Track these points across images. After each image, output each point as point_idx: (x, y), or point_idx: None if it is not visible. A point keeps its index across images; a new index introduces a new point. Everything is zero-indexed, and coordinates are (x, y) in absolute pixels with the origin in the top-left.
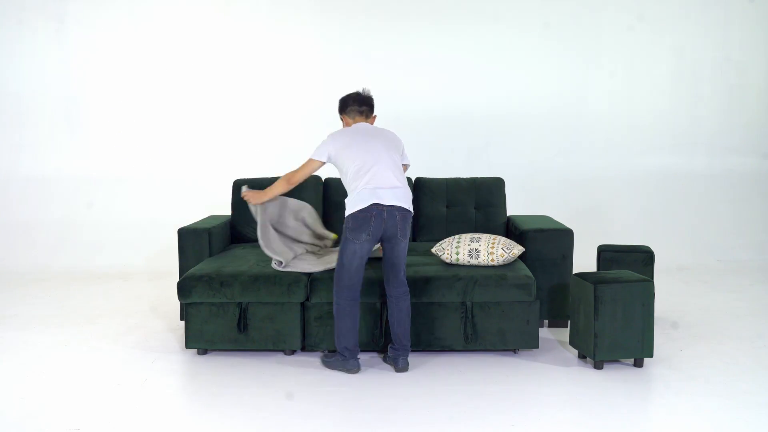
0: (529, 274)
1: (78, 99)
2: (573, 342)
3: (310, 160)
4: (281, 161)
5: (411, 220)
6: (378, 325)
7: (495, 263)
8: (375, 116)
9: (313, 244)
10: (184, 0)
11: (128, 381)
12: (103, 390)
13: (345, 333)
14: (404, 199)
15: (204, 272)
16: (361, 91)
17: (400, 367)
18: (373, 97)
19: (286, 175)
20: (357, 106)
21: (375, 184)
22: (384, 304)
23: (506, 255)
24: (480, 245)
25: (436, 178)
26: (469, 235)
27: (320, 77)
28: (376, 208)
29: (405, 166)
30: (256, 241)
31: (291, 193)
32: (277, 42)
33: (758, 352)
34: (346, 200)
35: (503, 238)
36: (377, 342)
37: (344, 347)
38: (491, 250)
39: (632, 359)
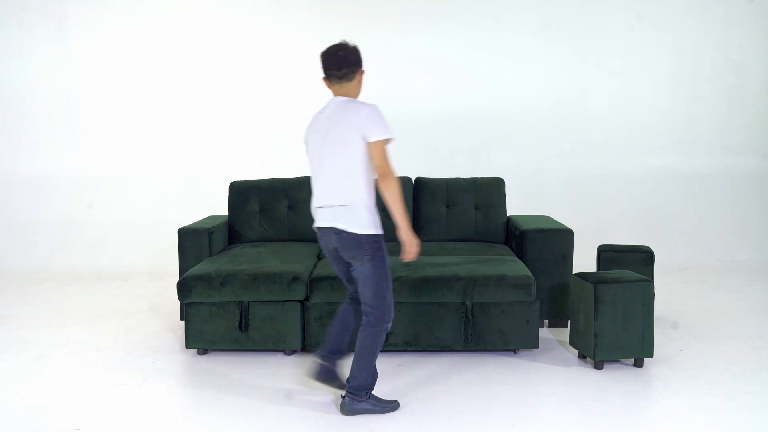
0: (529, 274)
1: (78, 99)
2: (573, 342)
3: None
4: (280, 162)
5: (356, 240)
6: None
7: None
8: (357, 78)
9: None
10: (184, 1)
11: (128, 381)
12: (103, 390)
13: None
14: (331, 219)
15: (204, 272)
16: (342, 43)
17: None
18: (350, 52)
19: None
20: (325, 69)
21: (313, 203)
22: None
23: None
24: None
25: (436, 178)
26: None
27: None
28: (317, 230)
29: (376, 145)
30: (255, 240)
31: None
32: (277, 43)
33: (758, 352)
34: None
35: None
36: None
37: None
38: None
39: (632, 359)
